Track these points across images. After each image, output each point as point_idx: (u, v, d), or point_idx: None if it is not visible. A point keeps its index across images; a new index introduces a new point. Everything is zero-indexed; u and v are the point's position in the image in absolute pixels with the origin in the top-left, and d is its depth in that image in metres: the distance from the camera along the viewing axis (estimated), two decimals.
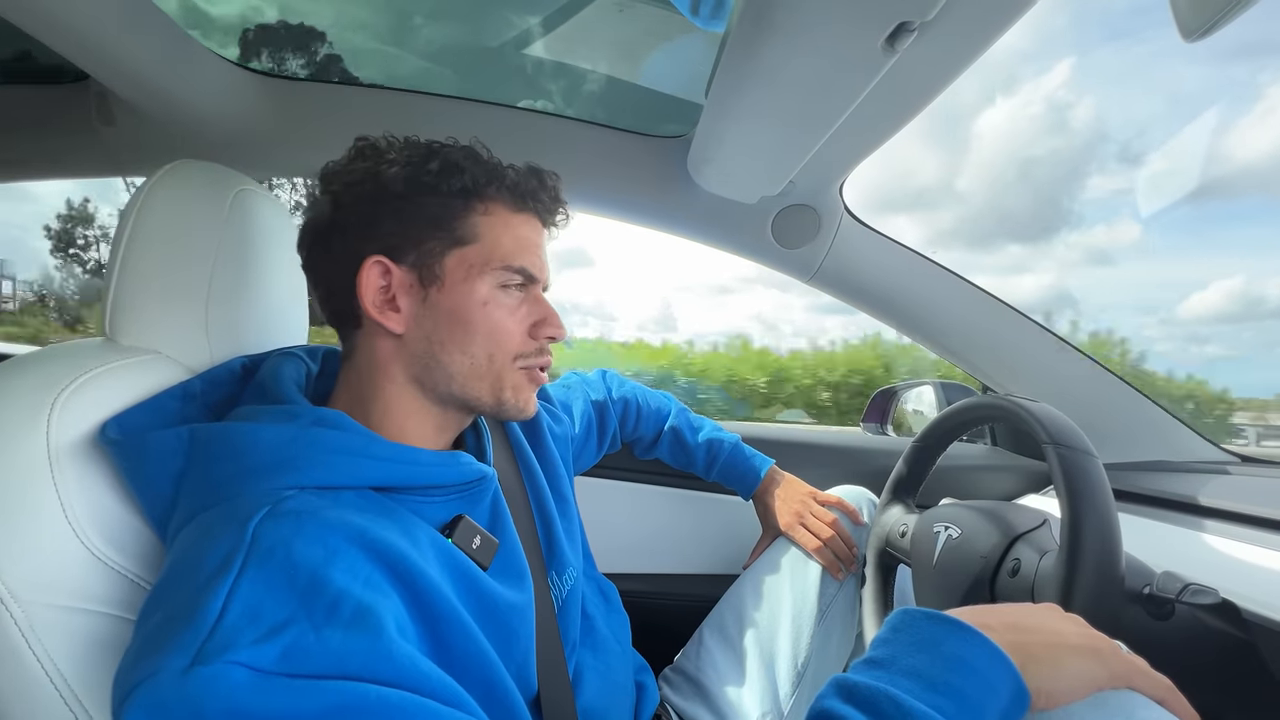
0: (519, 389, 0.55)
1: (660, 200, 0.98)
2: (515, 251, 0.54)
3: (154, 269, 0.54)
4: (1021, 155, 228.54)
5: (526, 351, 0.55)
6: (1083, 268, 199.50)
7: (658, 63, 0.93)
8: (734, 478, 0.94)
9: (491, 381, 0.54)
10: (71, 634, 0.43)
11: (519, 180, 0.55)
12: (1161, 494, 0.84)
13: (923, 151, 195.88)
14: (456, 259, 0.52)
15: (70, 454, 0.44)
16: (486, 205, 0.53)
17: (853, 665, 0.39)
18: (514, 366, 0.55)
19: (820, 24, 0.53)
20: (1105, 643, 0.41)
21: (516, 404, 0.55)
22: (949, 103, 39.25)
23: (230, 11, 0.86)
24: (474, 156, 0.54)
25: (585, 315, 52.77)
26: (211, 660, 0.32)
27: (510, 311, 0.54)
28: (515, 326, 0.54)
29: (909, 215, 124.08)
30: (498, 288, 0.53)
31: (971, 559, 0.65)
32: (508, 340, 0.54)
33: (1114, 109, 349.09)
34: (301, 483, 0.43)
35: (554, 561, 0.63)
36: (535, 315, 0.56)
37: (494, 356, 0.53)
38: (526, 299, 0.56)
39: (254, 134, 0.92)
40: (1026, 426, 0.62)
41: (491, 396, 0.54)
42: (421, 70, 0.95)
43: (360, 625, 0.36)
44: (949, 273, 1.00)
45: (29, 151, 1.01)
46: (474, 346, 0.53)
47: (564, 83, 0.98)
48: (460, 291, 0.52)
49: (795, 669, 0.78)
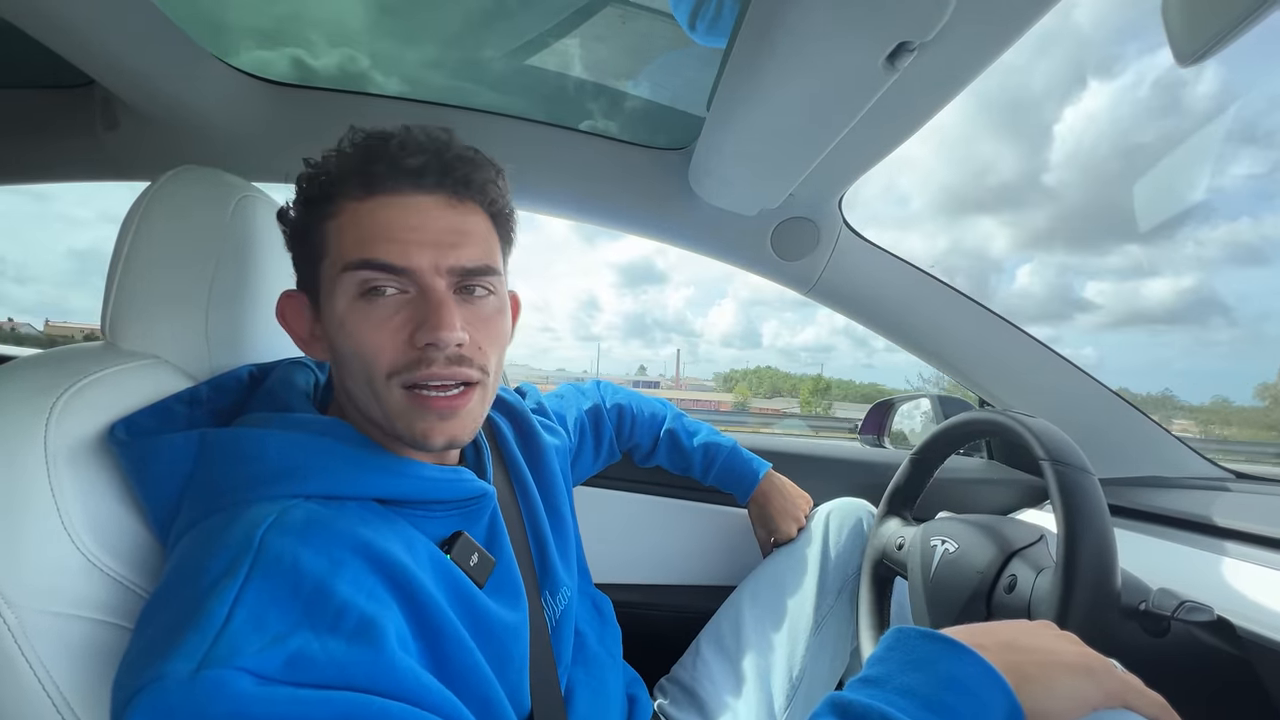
0: (404, 414, 0.46)
1: (661, 211, 0.98)
2: (358, 243, 0.45)
3: (155, 273, 0.54)
4: (1126, 144, 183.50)
5: (398, 367, 0.45)
6: (1228, 268, 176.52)
7: (660, 75, 0.94)
8: (731, 480, 0.94)
9: (383, 408, 0.46)
10: (65, 641, 0.43)
11: (368, 159, 0.46)
12: (1158, 510, 0.84)
13: (994, 146, 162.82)
14: (323, 274, 0.48)
15: (68, 458, 0.44)
16: (336, 205, 0.47)
17: (848, 683, 0.39)
18: (391, 386, 0.46)
19: (821, 43, 0.54)
20: (1100, 661, 0.41)
21: (410, 433, 0.46)
22: (1019, 90, 37.09)
23: (236, 18, 0.87)
24: (342, 156, 0.47)
25: (668, 332, 52.58)
26: (217, 666, 0.32)
27: (378, 323, 0.45)
28: (385, 339, 0.45)
29: (993, 216, 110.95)
30: (357, 297, 0.45)
31: (968, 574, 0.65)
32: (375, 356, 0.45)
33: (1239, 81, 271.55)
34: (308, 491, 0.43)
35: (547, 582, 0.63)
36: (417, 319, 0.45)
37: (371, 379, 0.46)
38: (408, 301, 0.46)
39: (257, 140, 0.92)
40: (1024, 442, 0.62)
41: (387, 423, 0.47)
42: (424, 79, 0.96)
43: (363, 637, 0.36)
44: (947, 287, 1.01)
45: (33, 155, 1.01)
46: (351, 367, 0.47)
47: (566, 93, 0.99)
48: (326, 311, 0.47)
49: (790, 681, 0.78)
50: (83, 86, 0.92)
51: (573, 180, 0.97)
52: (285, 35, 0.88)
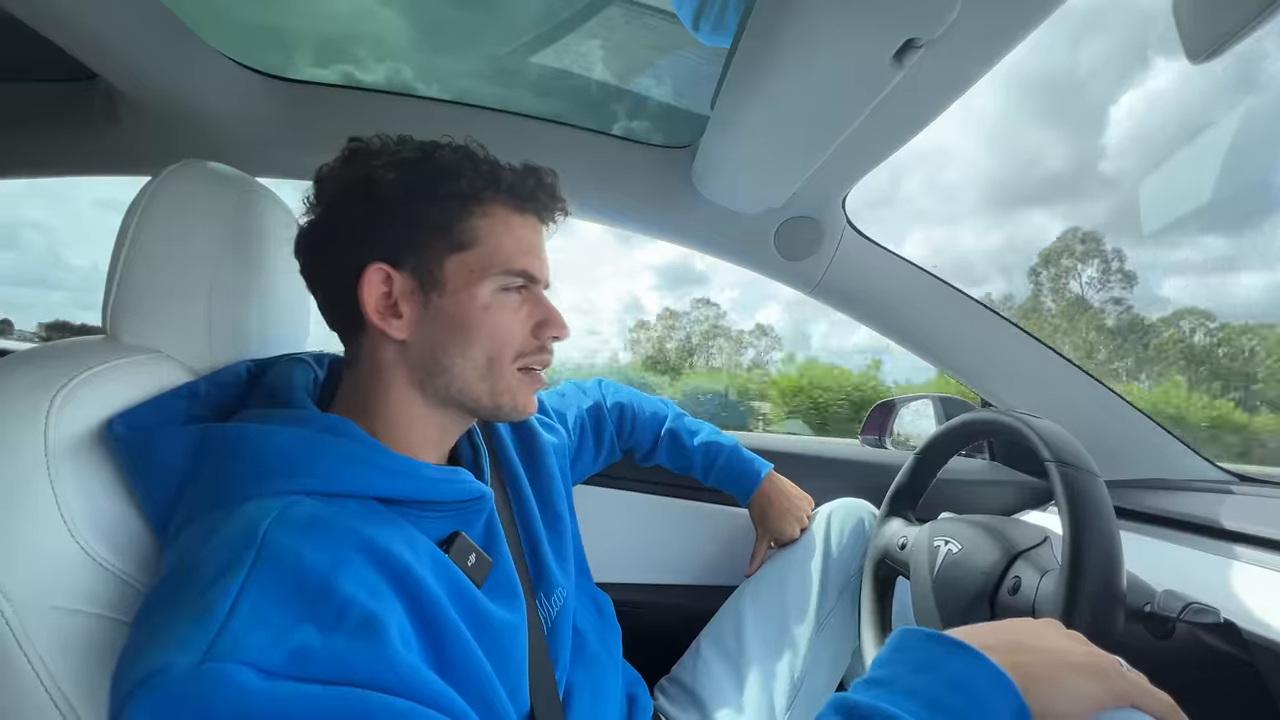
0: (518, 389, 0.55)
1: (664, 209, 0.98)
2: (516, 254, 0.54)
3: (157, 267, 0.54)
4: (1196, 124, 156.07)
5: (527, 351, 0.55)
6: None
7: (664, 73, 0.94)
8: (732, 480, 0.93)
9: (492, 384, 0.54)
10: (63, 635, 0.42)
11: (517, 181, 0.54)
12: (1163, 512, 0.84)
13: (1042, 135, 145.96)
14: (457, 263, 0.52)
15: (68, 452, 0.44)
16: (485, 208, 0.53)
17: (853, 685, 0.39)
18: (514, 367, 0.54)
19: (828, 40, 0.54)
20: (1107, 660, 0.41)
21: (515, 405, 0.55)
22: (1067, 74, 32.55)
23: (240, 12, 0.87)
24: (471, 158, 0.53)
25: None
26: (220, 659, 0.32)
27: (512, 313, 0.54)
28: (518, 328, 0.54)
29: (1046, 208, 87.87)
30: (499, 290, 0.53)
31: (972, 575, 0.65)
32: (509, 342, 0.54)
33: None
34: (309, 488, 0.43)
35: (541, 583, 0.63)
36: (538, 315, 0.55)
37: (495, 359, 0.53)
38: (528, 299, 0.55)
39: (260, 135, 0.92)
40: (1029, 443, 0.61)
41: (490, 399, 0.54)
42: (429, 76, 0.96)
43: (365, 633, 0.35)
44: (950, 287, 1.00)
45: (35, 149, 1.01)
46: (475, 350, 0.52)
47: (570, 90, 0.98)
48: (462, 296, 0.52)
49: (791, 682, 0.78)
50: (85, 80, 0.92)
51: (577, 178, 0.97)
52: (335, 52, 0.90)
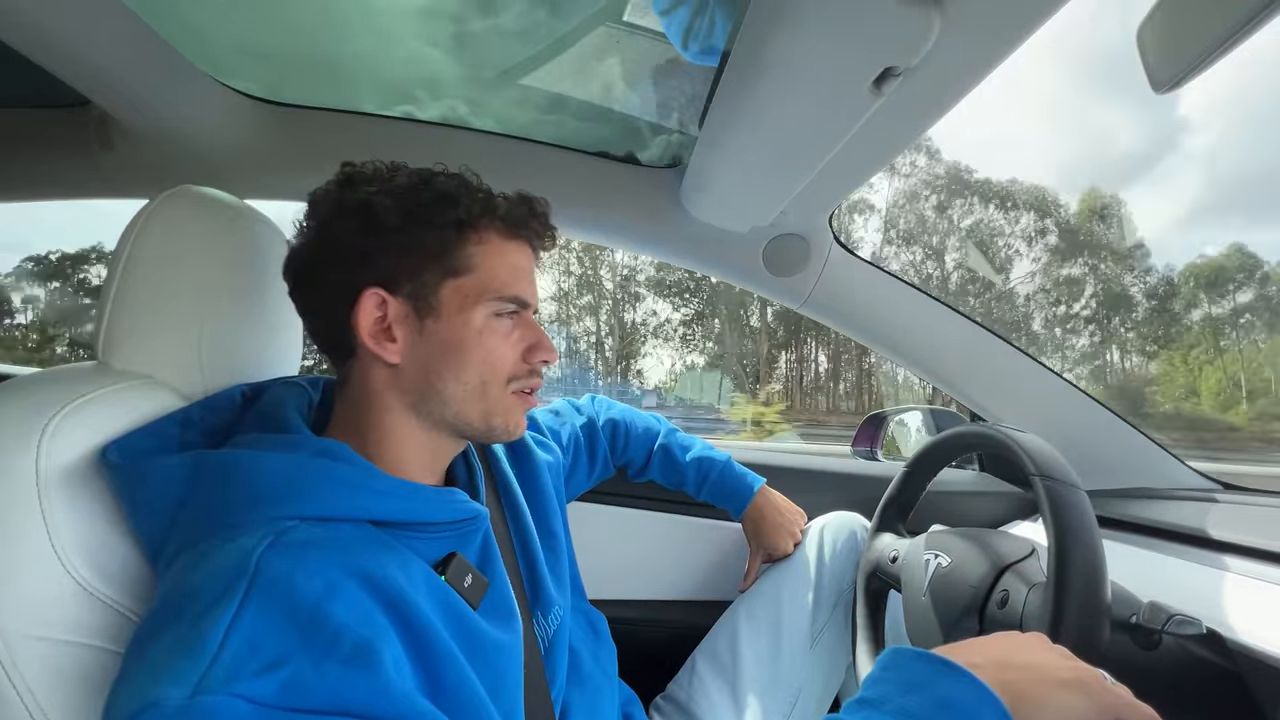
0: (509, 412, 0.56)
1: (654, 228, 0.99)
2: (509, 280, 0.55)
3: (150, 293, 0.54)
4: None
5: (519, 375, 0.56)
6: None
7: (652, 93, 0.96)
8: (724, 495, 0.93)
9: (484, 406, 0.55)
10: (54, 666, 0.42)
11: (511, 208, 0.56)
12: (1147, 521, 0.84)
13: (1108, 112, 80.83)
14: (452, 289, 0.53)
15: (60, 480, 0.44)
16: (481, 235, 0.55)
17: (845, 705, 0.39)
18: (506, 390, 0.56)
19: (810, 67, 0.55)
20: (1092, 675, 0.42)
21: (506, 426, 0.56)
22: (1124, 48, 26.15)
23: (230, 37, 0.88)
24: (466, 186, 0.55)
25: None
26: (213, 691, 0.32)
27: (504, 337, 0.55)
28: (509, 352, 0.56)
29: (1125, 190, 63.97)
30: (492, 316, 0.54)
31: (961, 588, 0.66)
32: (501, 366, 0.55)
33: None
34: (303, 513, 0.43)
35: (539, 602, 0.63)
36: (529, 340, 0.57)
37: (488, 382, 0.54)
38: (519, 324, 0.57)
39: (253, 159, 0.93)
40: (1014, 457, 0.62)
41: (483, 421, 0.55)
42: (419, 98, 0.97)
43: (359, 661, 0.36)
44: (936, 301, 1.02)
45: (28, 173, 1.01)
46: (468, 374, 0.53)
47: (560, 112, 1.00)
48: (457, 321, 0.53)
49: (788, 698, 0.78)
50: (79, 105, 0.93)
51: (565, 197, 0.98)
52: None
